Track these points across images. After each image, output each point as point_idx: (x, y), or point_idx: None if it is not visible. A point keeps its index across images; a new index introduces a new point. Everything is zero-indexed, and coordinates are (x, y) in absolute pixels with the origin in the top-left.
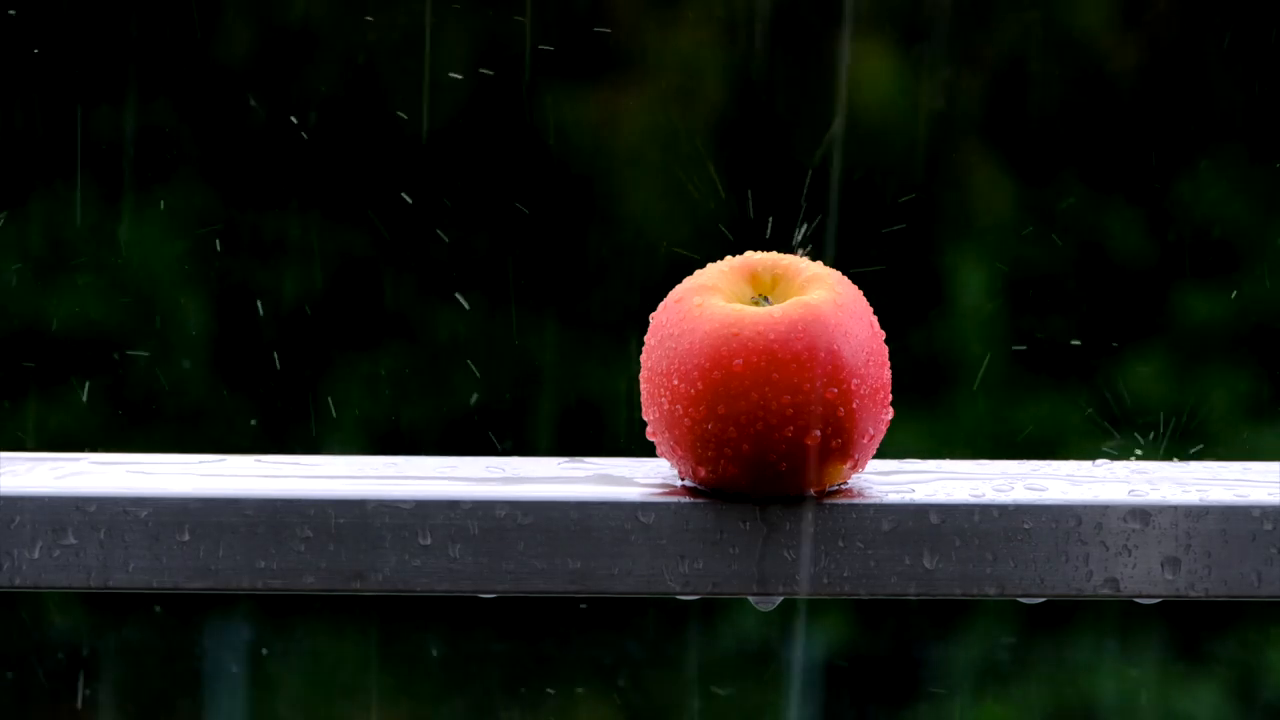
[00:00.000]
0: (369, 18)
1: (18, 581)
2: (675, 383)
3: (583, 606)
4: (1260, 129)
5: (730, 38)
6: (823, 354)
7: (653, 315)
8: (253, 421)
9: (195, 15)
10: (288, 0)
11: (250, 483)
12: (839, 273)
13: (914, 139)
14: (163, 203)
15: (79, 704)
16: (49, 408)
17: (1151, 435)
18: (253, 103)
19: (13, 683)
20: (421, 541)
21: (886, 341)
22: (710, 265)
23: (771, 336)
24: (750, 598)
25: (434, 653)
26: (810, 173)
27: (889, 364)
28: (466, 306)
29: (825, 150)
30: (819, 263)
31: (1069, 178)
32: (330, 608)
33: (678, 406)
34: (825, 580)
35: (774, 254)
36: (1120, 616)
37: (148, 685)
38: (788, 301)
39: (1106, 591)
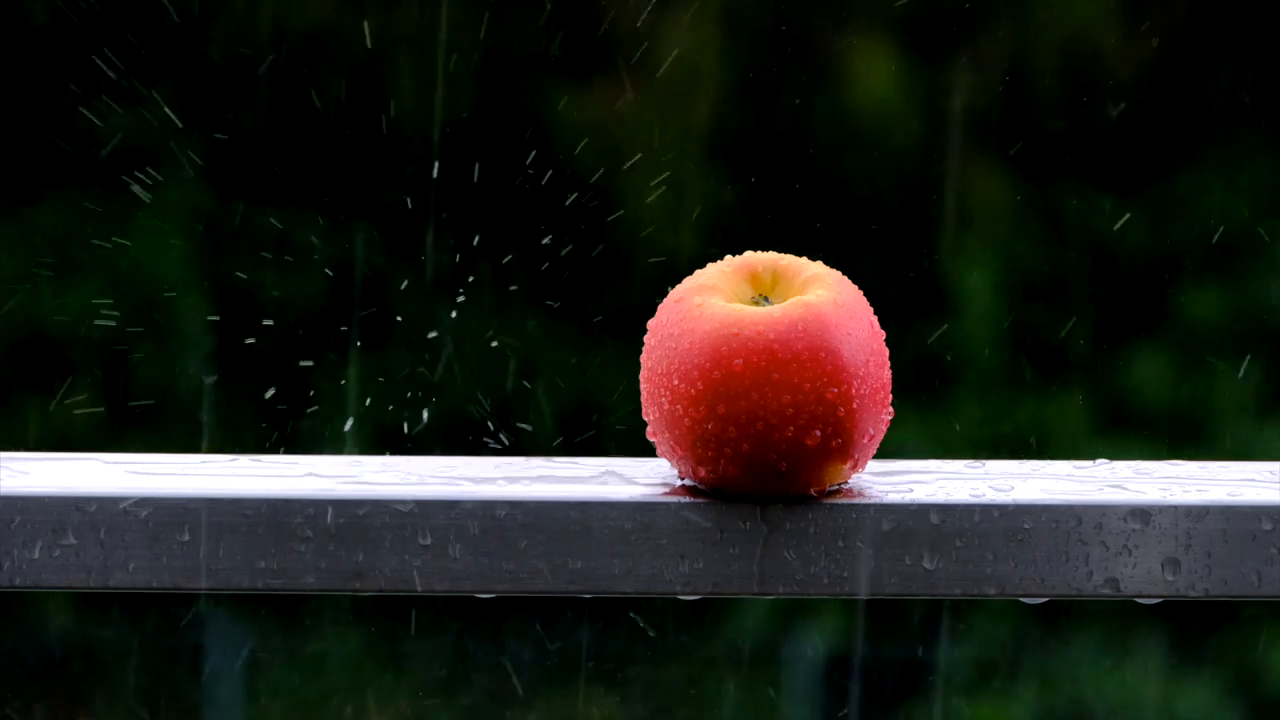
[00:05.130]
0: (370, 17)
1: (18, 581)
2: (675, 383)
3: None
4: (1261, 127)
5: (731, 37)
6: (823, 354)
7: (652, 316)
8: (252, 422)
9: (197, 13)
10: (290, 0)
11: (250, 483)
12: (839, 272)
13: (914, 138)
14: (163, 202)
15: (78, 703)
16: (49, 408)
17: (1152, 435)
18: (254, 102)
19: (12, 683)
20: (421, 541)
21: (887, 341)
22: (710, 265)
23: (771, 336)
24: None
25: (433, 652)
26: (810, 172)
27: (889, 364)
28: (466, 306)
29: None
30: (819, 262)
31: (1070, 177)
32: (330, 607)
33: (678, 406)
34: (825, 580)
35: (774, 254)
36: (1120, 616)
37: (147, 685)
38: (788, 301)
39: (1106, 591)
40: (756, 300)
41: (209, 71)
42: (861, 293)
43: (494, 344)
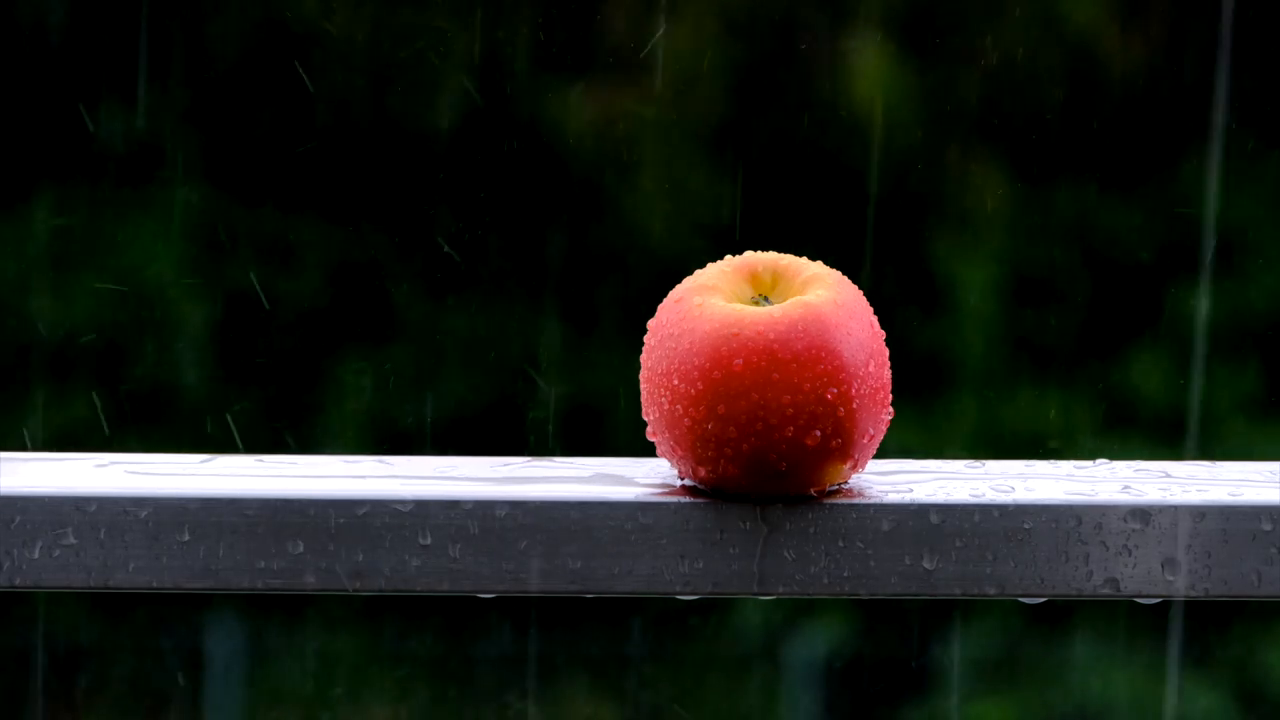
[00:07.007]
0: (370, 17)
1: (18, 581)
2: (675, 383)
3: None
4: (1260, 126)
5: (730, 36)
6: (823, 354)
7: (652, 315)
8: (253, 421)
9: (198, 14)
10: (291, 0)
11: (250, 483)
12: (839, 272)
13: (913, 137)
14: (165, 201)
15: (78, 703)
16: (49, 408)
17: (1152, 435)
18: (254, 102)
19: (12, 683)
20: (421, 541)
21: (886, 341)
22: (710, 265)
23: (771, 336)
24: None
25: (433, 652)
26: (809, 171)
27: (889, 364)
28: (468, 303)
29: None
30: (819, 262)
31: (1068, 175)
32: (329, 607)
33: (678, 406)
34: (825, 580)
35: (774, 254)
36: (1120, 616)
37: (148, 685)
38: (788, 301)
39: (1106, 591)
40: (756, 300)
41: (210, 71)
42: (861, 293)
43: (493, 343)
